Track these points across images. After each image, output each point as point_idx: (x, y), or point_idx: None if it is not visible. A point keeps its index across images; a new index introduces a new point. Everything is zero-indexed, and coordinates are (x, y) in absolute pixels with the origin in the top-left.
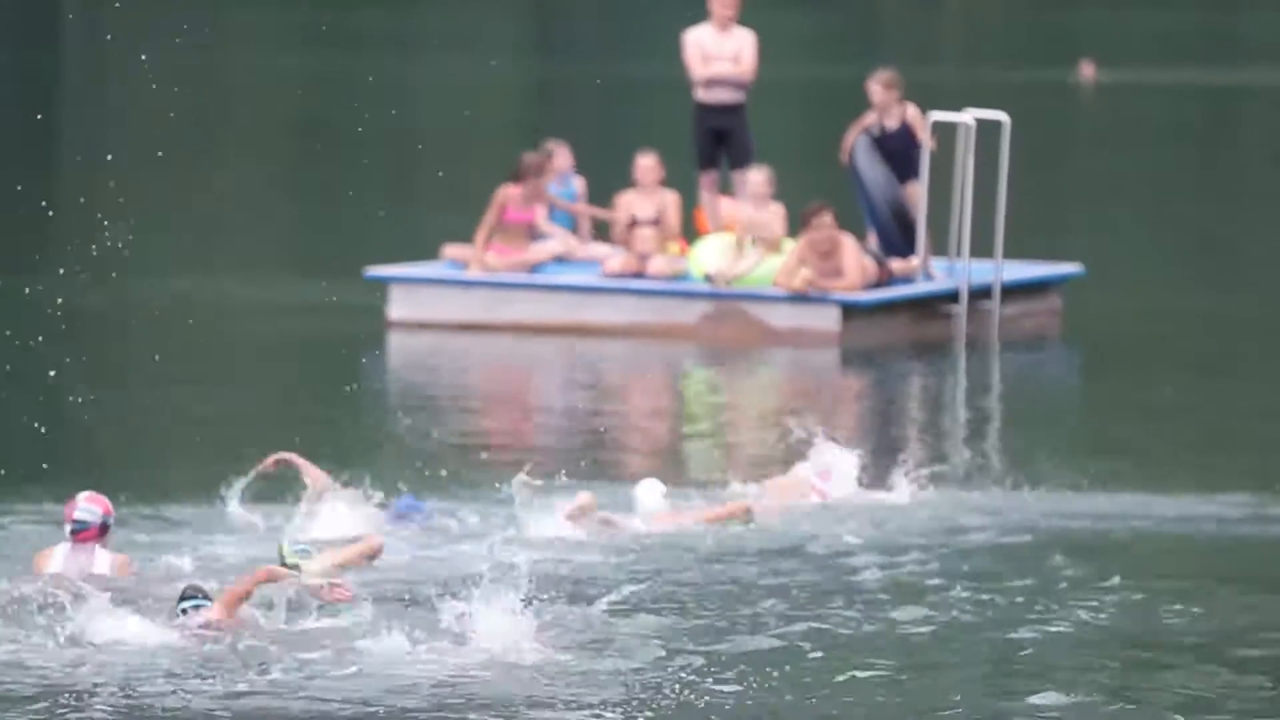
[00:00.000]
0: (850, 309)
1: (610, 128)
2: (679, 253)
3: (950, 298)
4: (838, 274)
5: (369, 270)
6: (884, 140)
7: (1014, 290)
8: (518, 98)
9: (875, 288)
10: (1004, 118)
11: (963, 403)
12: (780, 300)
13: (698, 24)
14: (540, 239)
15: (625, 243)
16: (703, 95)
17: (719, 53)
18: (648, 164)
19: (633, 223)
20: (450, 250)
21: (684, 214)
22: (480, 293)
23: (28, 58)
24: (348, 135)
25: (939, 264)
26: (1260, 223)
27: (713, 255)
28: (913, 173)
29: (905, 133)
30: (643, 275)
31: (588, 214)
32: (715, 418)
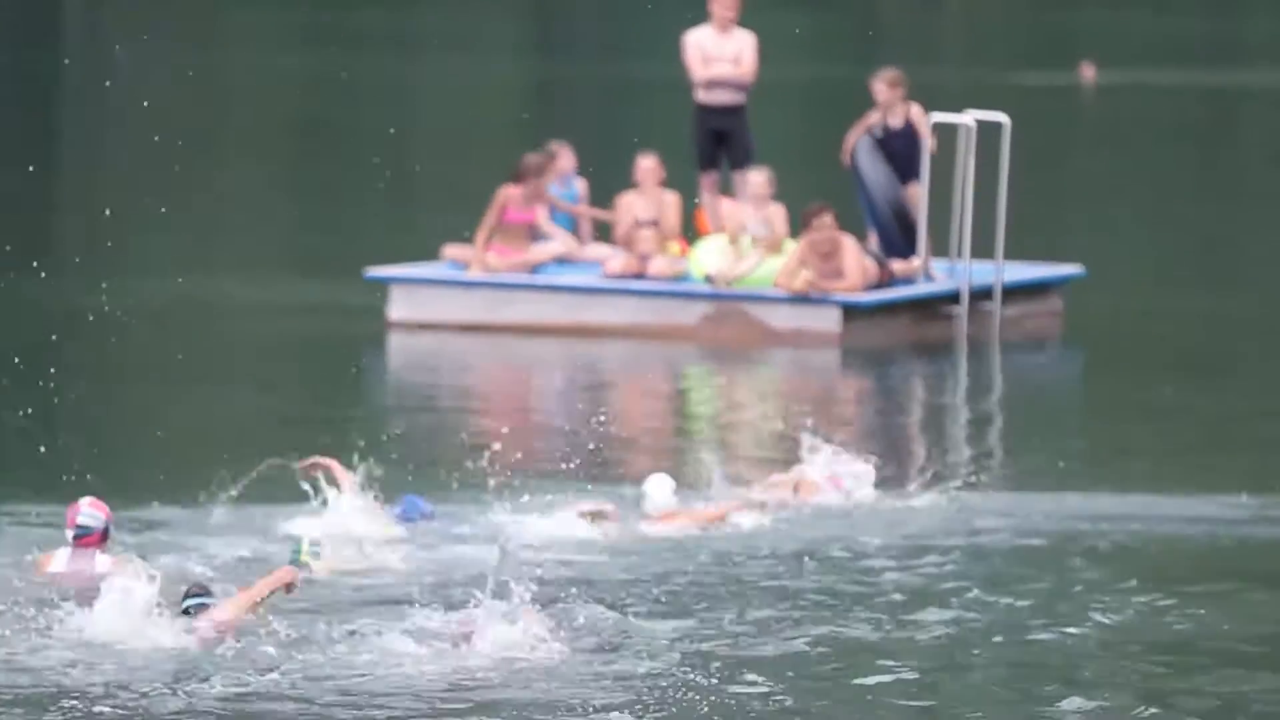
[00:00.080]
0: (851, 310)
1: (610, 128)
2: (679, 254)
3: (951, 299)
4: (838, 275)
5: (369, 271)
6: (888, 139)
7: (1015, 291)
8: (518, 98)
9: (876, 289)
10: (1004, 119)
11: (964, 404)
12: (781, 301)
13: (698, 25)
14: (542, 239)
15: (626, 244)
16: (703, 96)
17: (719, 54)
18: (648, 165)
19: (637, 224)
20: (451, 251)
21: (684, 215)
22: (481, 293)
23: (28, 58)
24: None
25: (940, 265)
26: (1260, 223)
27: (713, 256)
28: (915, 173)
29: (909, 132)
30: (643, 276)
31: (588, 215)
32: (716, 419)
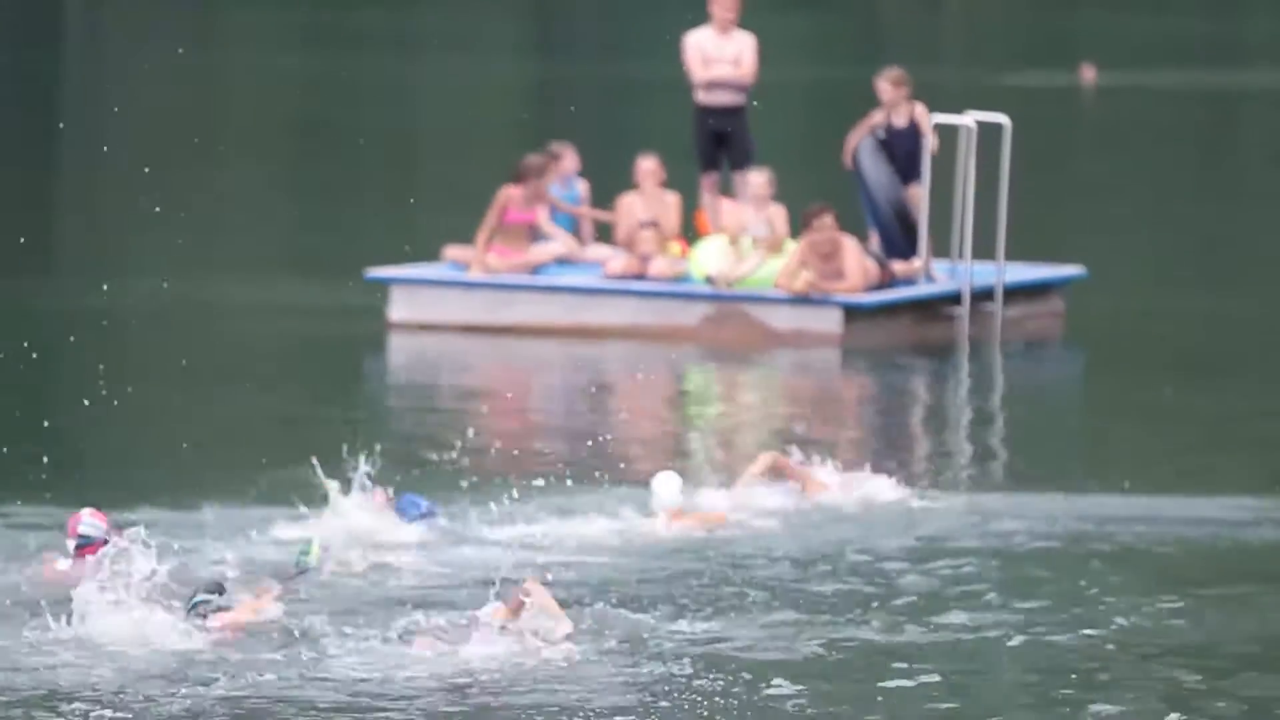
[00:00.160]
0: (852, 311)
1: (610, 129)
2: (680, 255)
3: (952, 300)
4: (839, 276)
5: (370, 271)
6: (892, 138)
7: (1016, 292)
8: (518, 98)
9: (877, 289)
10: (1005, 120)
11: (965, 405)
12: (782, 302)
13: (698, 26)
14: (543, 240)
15: (627, 245)
16: (703, 98)
17: (719, 55)
18: (649, 167)
19: (638, 225)
20: (451, 252)
21: (685, 216)
22: (481, 294)
23: (28, 58)
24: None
25: (941, 266)
26: (1261, 224)
27: (714, 257)
28: (918, 173)
29: (914, 131)
30: (644, 277)
31: (589, 217)
32: (718, 420)
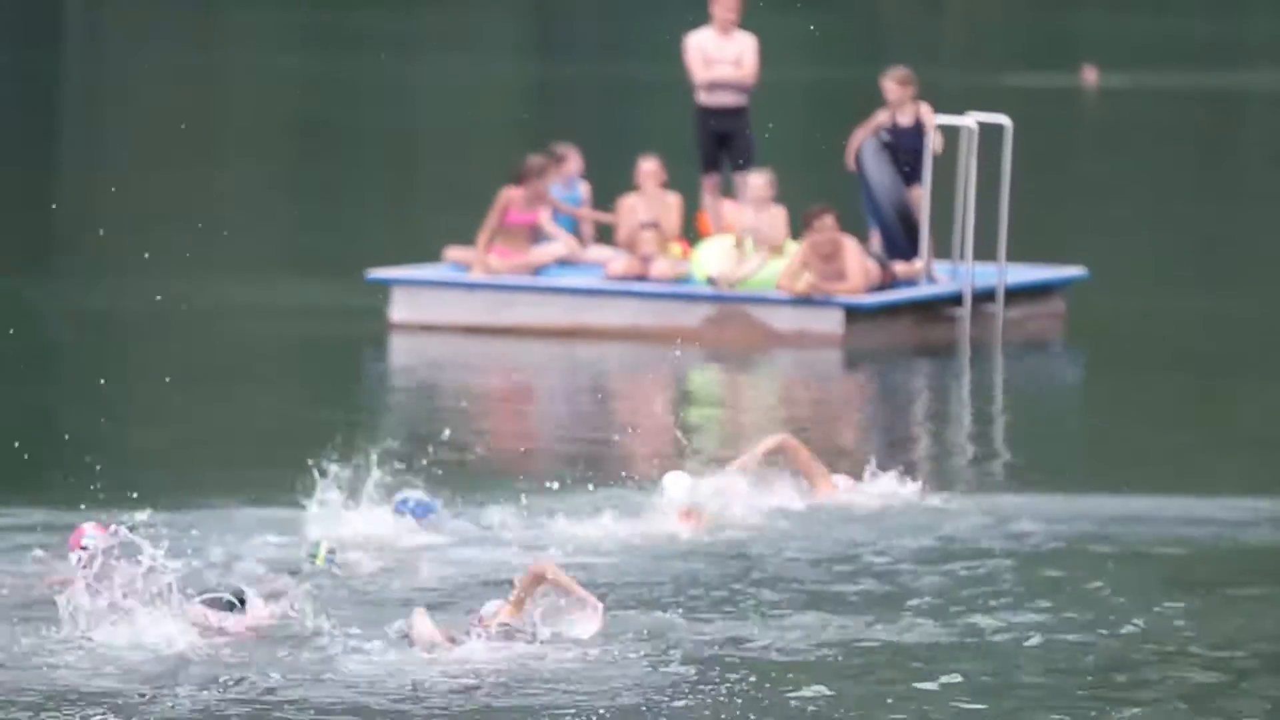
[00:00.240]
0: (853, 312)
1: (611, 129)
2: (681, 256)
3: (953, 301)
4: (840, 276)
5: (371, 272)
6: (896, 138)
7: (1017, 293)
8: (518, 98)
9: (878, 290)
10: (1006, 121)
11: (967, 406)
12: (783, 303)
13: (699, 27)
14: (545, 240)
15: (629, 246)
16: (705, 99)
17: (720, 56)
18: (649, 168)
19: (639, 226)
20: (453, 252)
21: (686, 217)
22: (483, 295)
23: (28, 58)
24: (348, 135)
25: (942, 267)
26: (1261, 224)
27: (715, 258)
28: (921, 173)
29: (919, 131)
30: (645, 278)
31: (590, 218)
32: (719, 420)
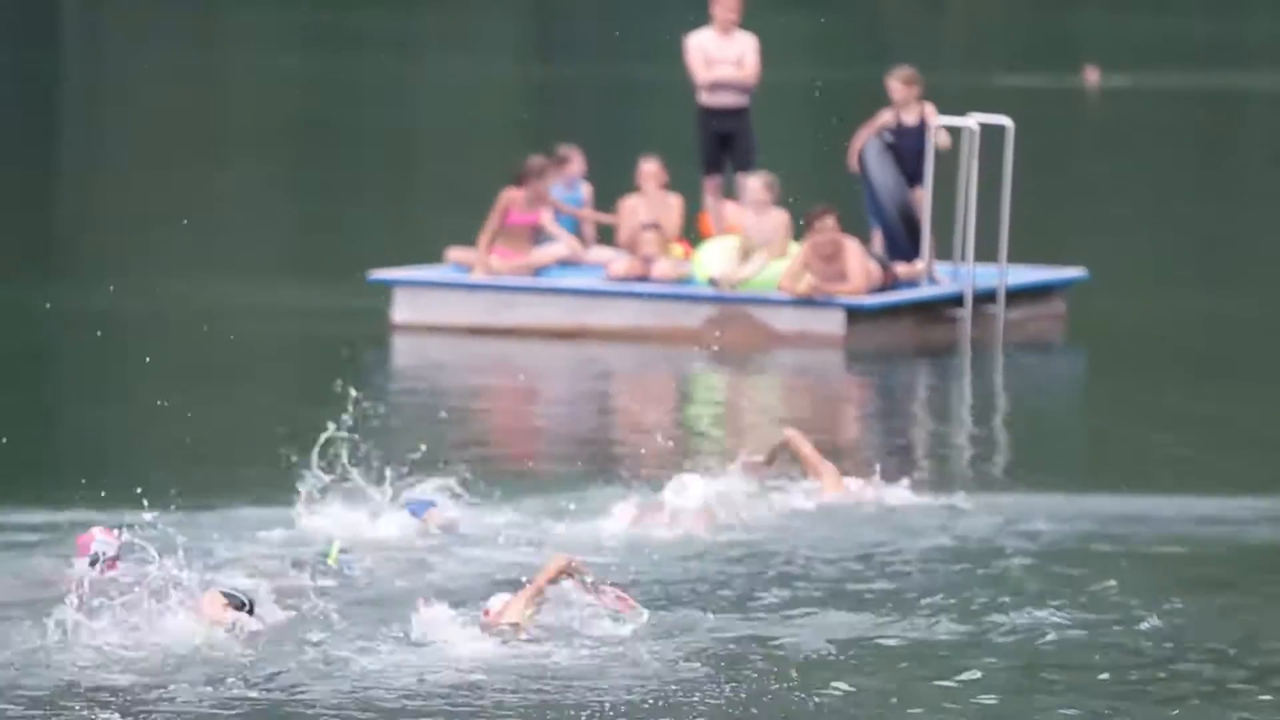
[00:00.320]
0: (854, 312)
1: (611, 130)
2: (683, 256)
3: (954, 302)
4: (841, 277)
5: (373, 273)
6: (900, 138)
7: (1018, 294)
8: (518, 99)
9: (879, 291)
10: (1007, 122)
11: (968, 407)
12: (784, 304)
13: (699, 28)
14: (546, 241)
15: (630, 247)
16: (706, 99)
17: (722, 56)
18: (651, 169)
19: (640, 227)
20: (454, 253)
21: (687, 218)
22: (484, 296)
23: (27, 58)
24: (348, 135)
25: (943, 268)
26: (1261, 223)
27: (717, 259)
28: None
29: (923, 131)
30: (647, 279)
31: (591, 219)
32: (721, 421)
